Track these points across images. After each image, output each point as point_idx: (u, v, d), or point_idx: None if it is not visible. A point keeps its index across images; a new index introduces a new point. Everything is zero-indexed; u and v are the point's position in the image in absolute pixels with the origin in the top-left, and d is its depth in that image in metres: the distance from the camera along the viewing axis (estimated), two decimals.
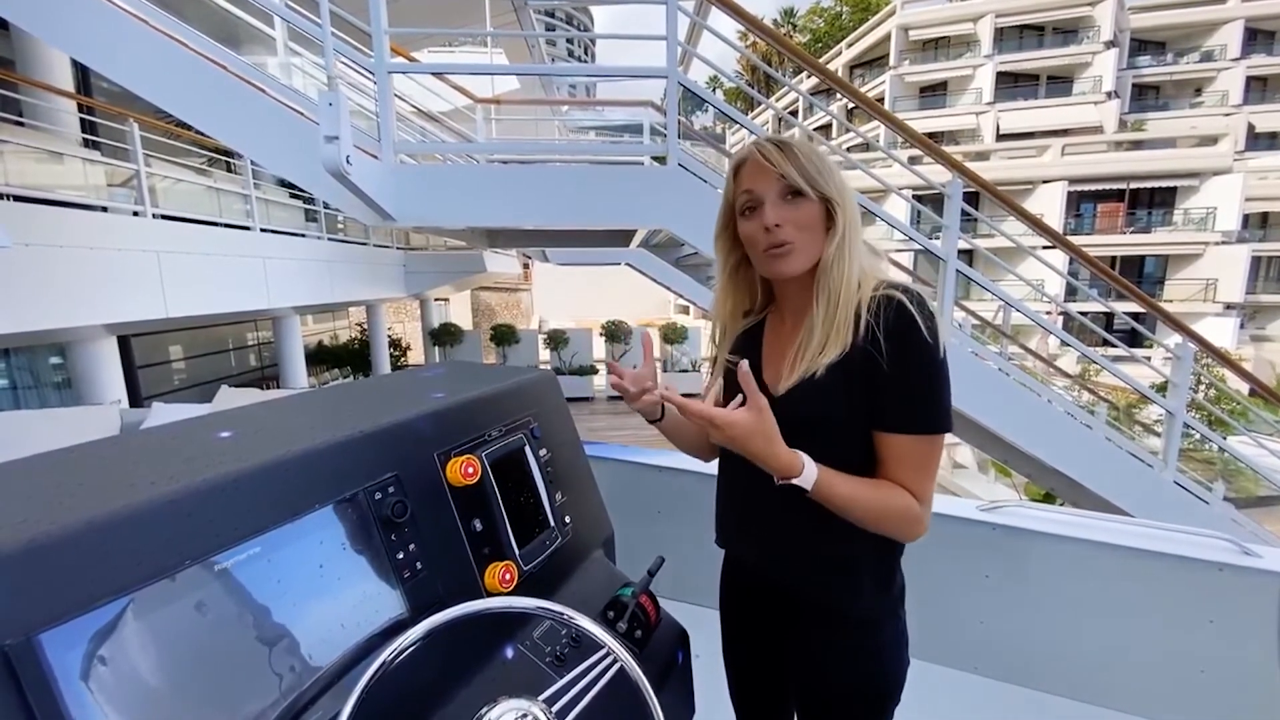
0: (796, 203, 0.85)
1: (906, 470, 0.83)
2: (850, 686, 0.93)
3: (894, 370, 0.79)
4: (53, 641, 0.50)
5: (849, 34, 29.55)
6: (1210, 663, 1.55)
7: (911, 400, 0.81)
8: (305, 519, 0.72)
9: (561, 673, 0.84)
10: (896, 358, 0.79)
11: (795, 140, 0.87)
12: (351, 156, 2.28)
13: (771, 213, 0.85)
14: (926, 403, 0.81)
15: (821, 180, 0.84)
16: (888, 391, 0.81)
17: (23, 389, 5.66)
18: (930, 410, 0.82)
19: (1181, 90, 23.72)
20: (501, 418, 1.09)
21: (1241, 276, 18.10)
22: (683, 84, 2.90)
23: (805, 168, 0.84)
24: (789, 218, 0.85)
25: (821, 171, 0.85)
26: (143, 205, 4.92)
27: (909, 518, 0.83)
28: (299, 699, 0.66)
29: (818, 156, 0.85)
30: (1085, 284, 3.56)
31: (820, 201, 0.85)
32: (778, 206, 0.85)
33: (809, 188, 0.84)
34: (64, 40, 2.85)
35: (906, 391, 0.81)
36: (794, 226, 0.85)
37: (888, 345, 0.79)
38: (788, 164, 0.84)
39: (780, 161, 0.84)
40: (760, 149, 0.87)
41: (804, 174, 0.84)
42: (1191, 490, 3.32)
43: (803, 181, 0.84)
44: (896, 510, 0.83)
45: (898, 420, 0.82)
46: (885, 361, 0.79)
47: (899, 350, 0.79)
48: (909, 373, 0.80)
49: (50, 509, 0.57)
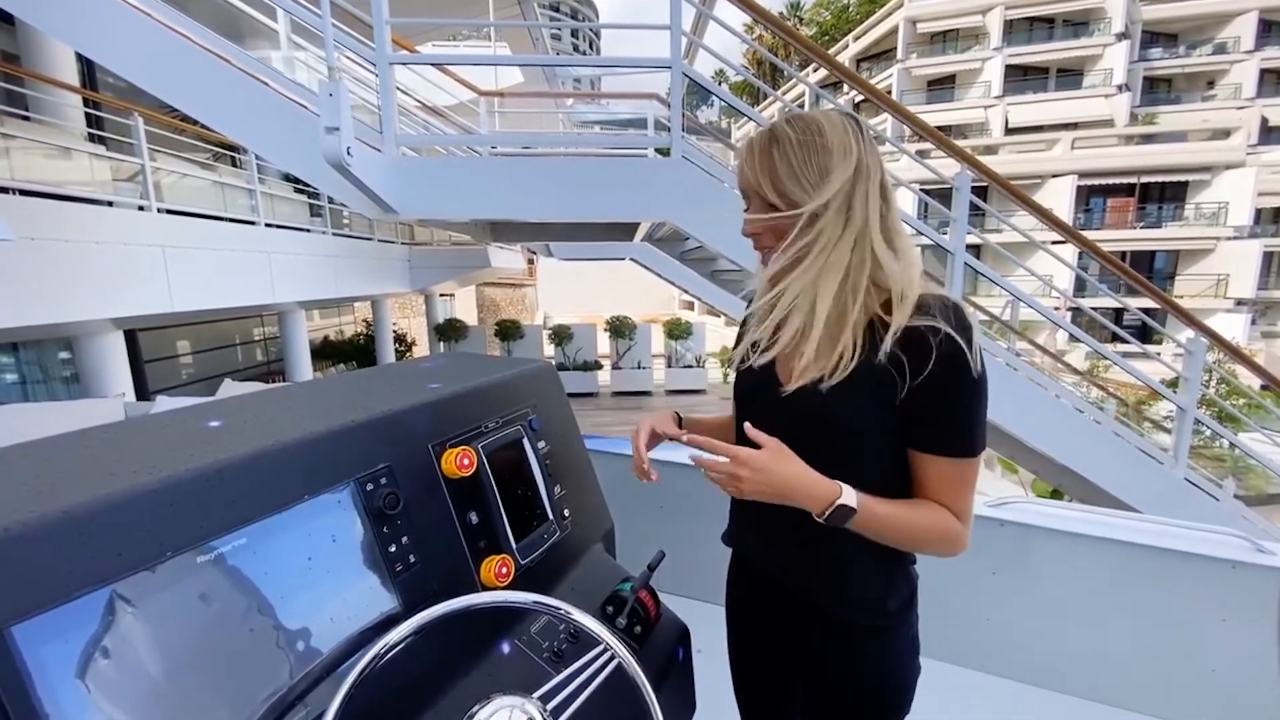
0: (774, 210, 0.81)
1: (947, 490, 0.80)
2: (858, 694, 0.90)
3: (935, 393, 0.75)
4: (25, 634, 0.48)
5: (856, 27, 29.30)
6: (1222, 662, 1.52)
7: (953, 423, 0.78)
8: (294, 510, 0.70)
9: (559, 669, 0.82)
10: (938, 380, 0.75)
11: (792, 136, 0.78)
12: (353, 148, 2.27)
13: (747, 219, 0.84)
14: (968, 425, 0.78)
15: (802, 188, 0.77)
16: (927, 413, 0.77)
17: (31, 383, 5.70)
18: (972, 432, 0.79)
19: (1194, 83, 23.40)
20: (499, 409, 1.07)
21: (1253, 272, 17.88)
22: (687, 75, 2.86)
23: (783, 173, 0.78)
24: (767, 223, 0.82)
25: (807, 176, 0.77)
26: (148, 200, 4.93)
27: (948, 537, 0.80)
28: (286, 694, 0.64)
29: (811, 154, 0.77)
30: (1095, 279, 3.51)
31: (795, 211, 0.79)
32: (758, 211, 0.83)
33: (777, 198, 0.79)
34: (68, 34, 2.85)
35: (947, 414, 0.77)
36: (771, 233, 0.82)
37: (930, 368, 0.74)
38: (762, 171, 0.79)
39: (755, 168, 0.80)
40: (749, 145, 0.82)
41: (775, 183, 0.78)
42: (1202, 487, 3.27)
43: (772, 193, 0.79)
44: (936, 530, 0.80)
45: (939, 443, 0.79)
46: (923, 382, 0.75)
47: (941, 373, 0.74)
48: (949, 395, 0.76)
49: (28, 498, 0.56)
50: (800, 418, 0.83)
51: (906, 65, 24.97)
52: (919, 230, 3.21)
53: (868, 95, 3.29)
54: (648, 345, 12.50)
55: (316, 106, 2.31)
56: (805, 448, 0.84)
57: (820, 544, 0.83)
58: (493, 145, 5.47)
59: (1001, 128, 22.97)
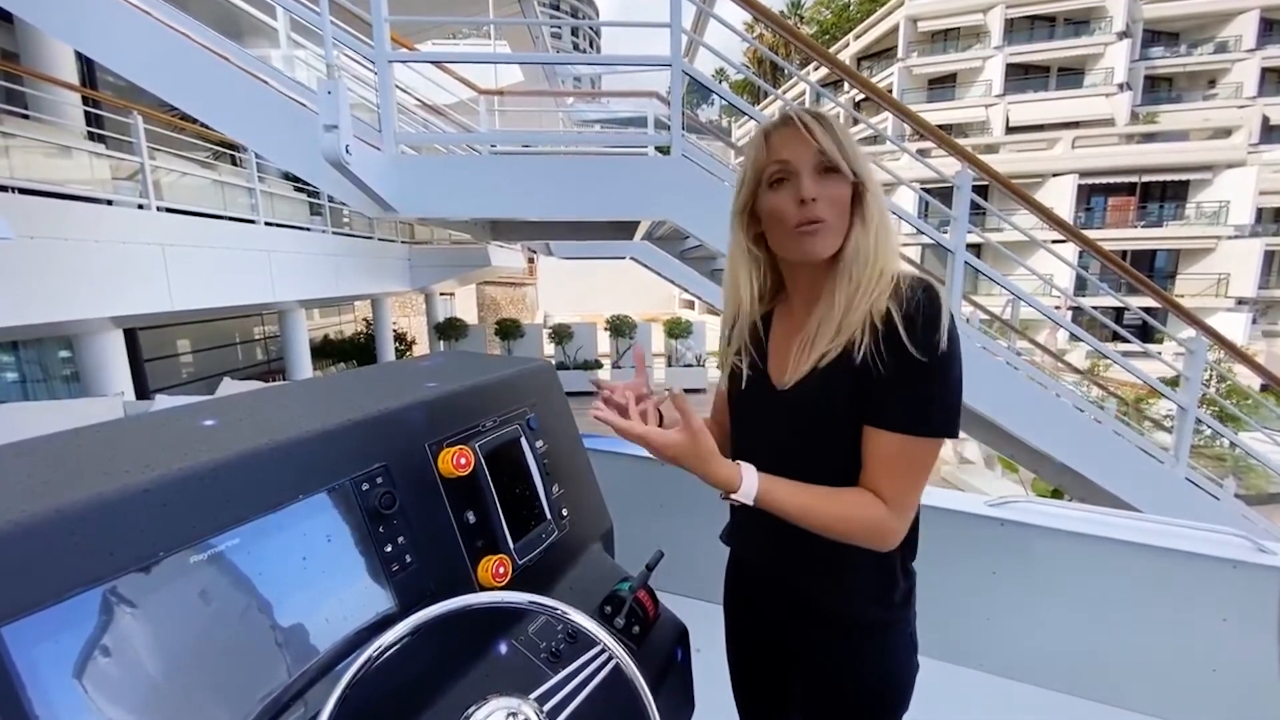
0: (831, 179, 0.80)
1: (883, 471, 0.78)
2: (856, 692, 0.90)
3: (899, 365, 0.75)
4: (16, 634, 0.48)
5: (856, 25, 29.26)
6: (1223, 662, 1.52)
7: (911, 397, 0.76)
8: (288, 509, 0.70)
9: (556, 669, 0.82)
10: (899, 349, 0.75)
11: (831, 115, 0.82)
12: (351, 146, 2.27)
13: (810, 185, 0.80)
14: (926, 401, 0.76)
15: (858, 161, 0.80)
16: (888, 385, 0.76)
17: (31, 382, 5.70)
18: (928, 410, 0.76)
19: (1195, 82, 23.35)
20: (497, 408, 1.06)
21: (1254, 271, 17.84)
22: (687, 73, 2.86)
23: (844, 144, 0.80)
24: (824, 194, 0.80)
25: (856, 153, 0.80)
26: (148, 199, 4.93)
27: (873, 528, 0.78)
28: (281, 695, 0.64)
29: (850, 137, 0.81)
30: (1095, 278, 3.51)
31: (852, 183, 0.81)
32: (814, 181, 0.80)
33: (847, 166, 0.79)
34: (68, 33, 2.85)
35: (908, 388, 0.76)
36: (828, 203, 0.80)
37: (902, 339, 0.74)
38: (827, 138, 0.79)
39: (821, 134, 0.79)
40: (800, 117, 0.81)
41: (842, 151, 0.79)
42: (1202, 486, 3.27)
43: (841, 158, 0.79)
44: (858, 521, 0.78)
45: (878, 415, 0.78)
46: (894, 355, 0.75)
47: (904, 341, 0.74)
48: (909, 366, 0.75)
49: (19, 497, 0.55)
50: (798, 409, 0.84)
51: (907, 64, 24.93)
52: (920, 229, 3.21)
53: (869, 94, 3.28)
54: (648, 344, 12.50)
55: (316, 105, 2.31)
56: (802, 440, 0.84)
57: (818, 540, 0.83)
58: (492, 144, 5.47)
59: (1002, 126, 22.93)
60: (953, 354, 0.75)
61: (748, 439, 0.96)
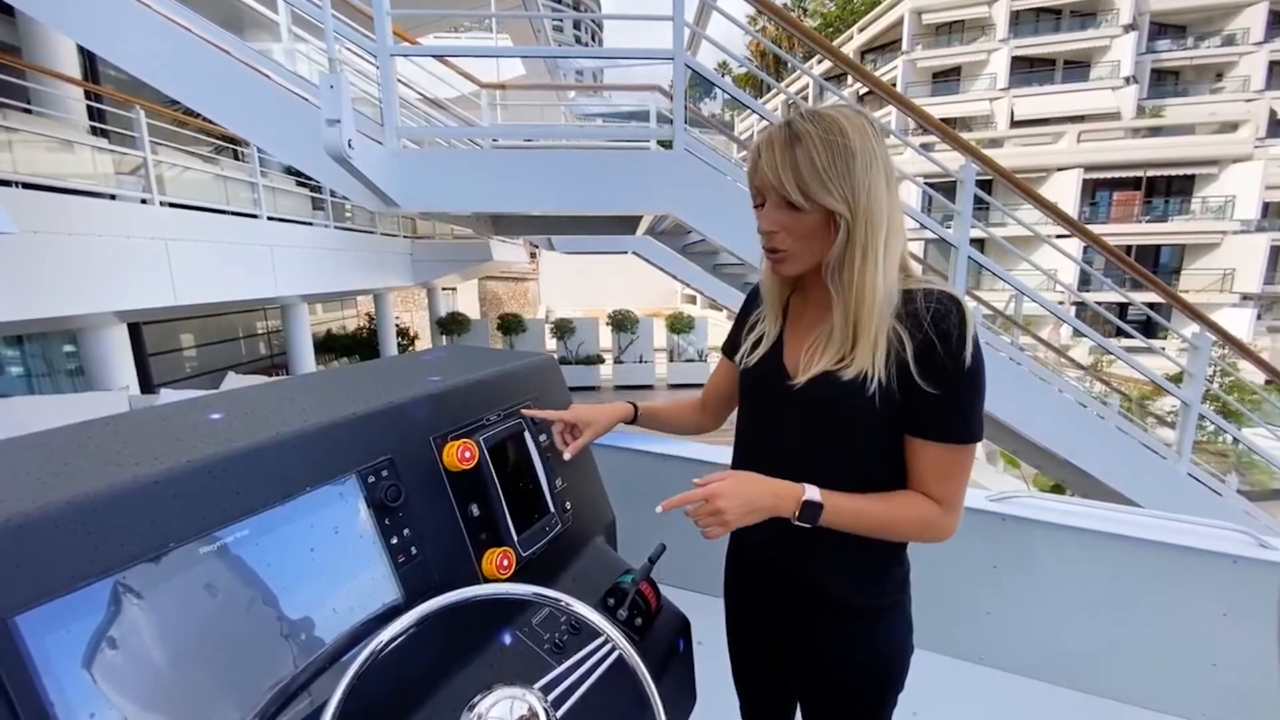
0: (794, 211, 0.78)
1: (936, 477, 0.81)
2: (853, 674, 0.92)
3: (932, 378, 0.76)
4: (29, 623, 0.49)
5: (860, 18, 29.05)
6: (1222, 656, 1.52)
7: (950, 410, 0.78)
8: (296, 501, 0.70)
9: (560, 660, 0.83)
10: (936, 365, 0.76)
11: (814, 134, 0.75)
12: (354, 141, 2.27)
13: (765, 218, 0.81)
14: (959, 413, 0.78)
15: (826, 189, 0.75)
16: (923, 398, 0.77)
17: (36, 376, 5.72)
18: (964, 420, 0.79)
19: (1202, 75, 23.14)
20: (501, 402, 1.07)
21: (1260, 266, 17.74)
22: (690, 67, 2.84)
23: (806, 173, 0.75)
24: (786, 224, 0.79)
25: (832, 177, 0.74)
26: (150, 193, 4.93)
27: (926, 526, 0.82)
28: (289, 684, 0.65)
29: (836, 155, 0.74)
30: (1100, 273, 3.49)
31: (822, 212, 0.76)
32: (775, 210, 0.80)
33: (802, 199, 0.76)
34: (69, 26, 2.85)
35: (947, 402, 0.77)
36: (789, 234, 0.79)
37: (928, 351, 0.75)
38: (785, 169, 0.76)
39: (776, 166, 0.76)
40: (767, 142, 0.78)
41: (800, 184, 0.75)
42: (1205, 482, 3.27)
43: (796, 193, 0.75)
44: (912, 521, 0.82)
45: (931, 430, 0.79)
46: (923, 368, 0.76)
47: (940, 357, 0.75)
48: (947, 381, 0.76)
49: (32, 488, 0.56)
50: (809, 408, 0.84)
51: (911, 57, 24.75)
52: (923, 224, 3.20)
53: (872, 87, 3.26)
54: (650, 339, 12.49)
55: (318, 99, 2.31)
56: (812, 439, 0.84)
57: (819, 530, 0.84)
58: (494, 138, 5.45)
59: (1007, 120, 22.77)
60: (980, 364, 0.78)
61: (752, 420, 0.97)
